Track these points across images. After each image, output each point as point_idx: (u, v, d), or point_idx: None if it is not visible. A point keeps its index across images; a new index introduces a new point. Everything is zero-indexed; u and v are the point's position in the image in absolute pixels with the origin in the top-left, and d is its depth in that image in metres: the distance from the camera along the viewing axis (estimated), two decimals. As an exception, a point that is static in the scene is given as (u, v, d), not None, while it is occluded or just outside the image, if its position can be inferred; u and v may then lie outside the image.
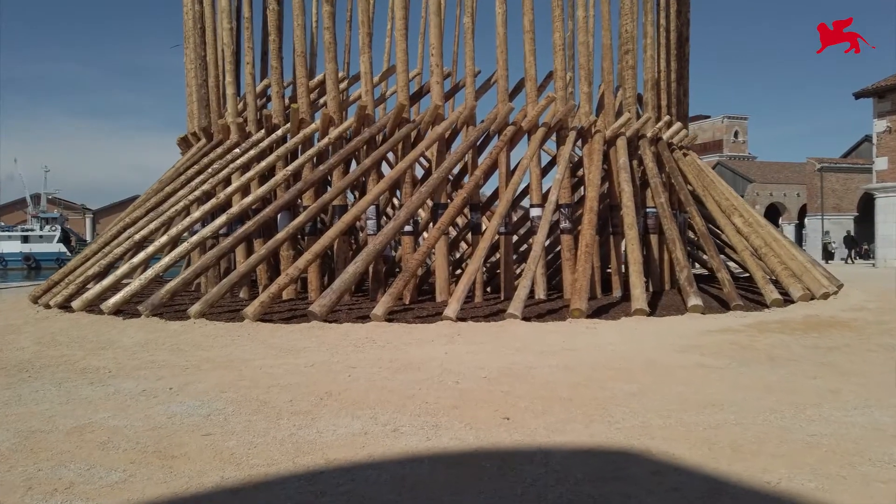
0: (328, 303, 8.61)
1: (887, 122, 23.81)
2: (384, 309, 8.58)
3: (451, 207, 10.08)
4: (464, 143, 11.08)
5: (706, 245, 10.71)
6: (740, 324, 8.84)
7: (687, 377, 5.84)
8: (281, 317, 9.51)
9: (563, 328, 8.46)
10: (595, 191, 10.84)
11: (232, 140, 12.36)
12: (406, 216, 9.82)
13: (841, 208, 49.15)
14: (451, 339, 7.71)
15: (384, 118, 11.49)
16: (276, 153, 11.43)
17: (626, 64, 12.60)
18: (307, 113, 11.74)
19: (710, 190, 12.59)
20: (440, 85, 11.33)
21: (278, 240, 9.85)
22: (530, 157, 10.98)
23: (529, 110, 11.62)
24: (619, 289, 12.33)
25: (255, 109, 12.31)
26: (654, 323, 8.87)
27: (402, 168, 10.56)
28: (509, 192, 10.44)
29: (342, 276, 8.92)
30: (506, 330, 8.31)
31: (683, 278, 9.64)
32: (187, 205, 11.28)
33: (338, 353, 7.07)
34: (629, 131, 12.49)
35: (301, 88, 11.68)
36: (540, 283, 11.50)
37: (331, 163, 10.78)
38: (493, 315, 9.49)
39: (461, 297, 8.75)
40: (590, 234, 10.02)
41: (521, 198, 13.28)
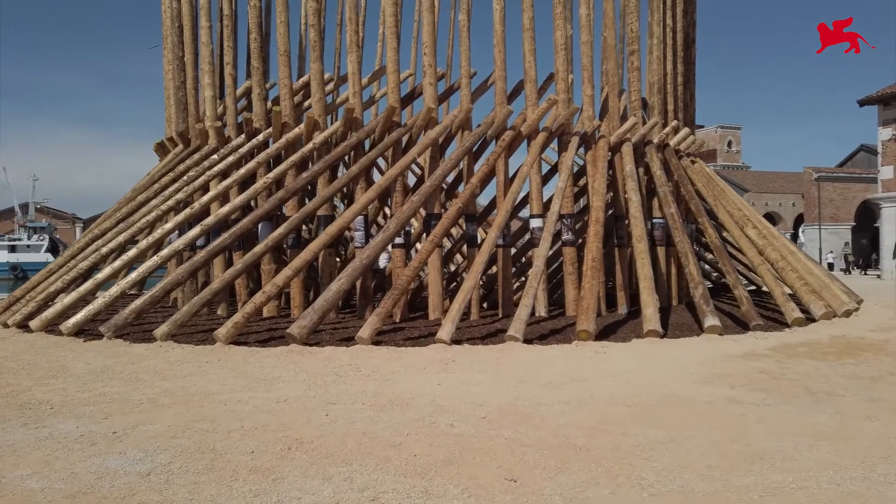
0: (308, 324, 7.76)
1: (893, 129, 23.17)
2: (371, 331, 7.73)
3: (446, 218, 9.26)
4: (459, 148, 10.27)
5: (721, 259, 9.91)
6: (764, 347, 8.02)
7: (720, 418, 5.00)
8: (258, 338, 8.65)
9: (570, 352, 7.62)
10: (601, 200, 10.05)
11: (210, 145, 11.52)
12: (396, 227, 8.99)
13: (838, 218, 48.63)
14: (445, 367, 6.86)
15: (373, 122, 10.68)
16: (257, 159, 10.59)
17: (631, 65, 11.85)
18: (291, 116, 10.91)
19: (721, 200, 11.82)
20: (433, 86, 10.54)
21: (256, 253, 9.00)
22: (530, 164, 10.18)
23: (529, 114, 10.83)
24: (624, 304, 11.52)
25: (234, 113, 11.49)
26: (668, 346, 8.05)
27: (392, 175, 9.74)
28: (508, 202, 9.63)
29: (324, 295, 8.08)
30: (506, 355, 7.47)
31: (699, 295, 8.83)
32: (160, 215, 10.41)
33: (316, 385, 6.21)
34: (635, 137, 11.72)
35: (284, 90, 10.87)
36: (541, 299, 10.68)
37: (315, 170, 9.95)
38: (491, 336, 8.65)
39: (456, 318, 7.91)
40: (596, 248, 9.21)
41: (519, 208, 12.47)
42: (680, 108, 12.94)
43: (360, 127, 10.59)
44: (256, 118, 11.17)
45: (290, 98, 10.88)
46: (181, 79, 12.26)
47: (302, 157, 10.47)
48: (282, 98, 10.91)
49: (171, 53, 12.49)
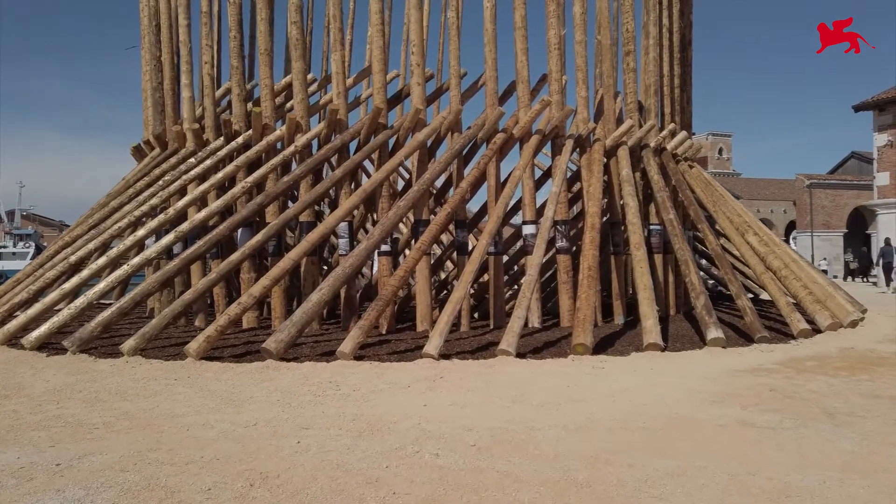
0: (286, 338, 7.23)
1: (888, 135, 22.92)
2: (353, 345, 7.22)
3: (434, 224, 8.77)
4: (448, 151, 9.80)
5: (723, 267, 9.46)
6: (771, 361, 7.56)
7: (735, 445, 4.52)
8: (234, 352, 8.11)
9: (566, 368, 7.13)
10: (597, 205, 9.58)
11: (188, 149, 10.99)
12: (381, 234, 8.49)
13: (830, 225, 48.59)
14: (432, 385, 6.35)
15: (358, 123, 10.19)
16: (236, 163, 10.08)
17: (626, 66, 11.42)
18: (272, 118, 10.40)
19: (721, 206, 11.39)
20: (422, 87, 10.06)
21: (232, 261, 8.47)
22: (523, 168, 9.71)
23: (521, 116, 10.38)
24: (620, 315, 11.06)
25: (213, 114, 10.96)
26: (670, 360, 7.57)
27: (377, 180, 9.24)
28: (500, 207, 9.15)
29: (304, 306, 7.55)
30: (498, 371, 6.97)
31: (700, 306, 8.37)
32: (132, 221, 9.86)
33: (290, 406, 5.68)
34: (631, 140, 11.29)
35: (265, 90, 10.36)
36: (535, 309, 10.20)
37: (296, 173, 9.44)
38: (481, 349, 8.15)
39: (444, 331, 7.41)
40: (592, 255, 8.74)
41: (511, 214, 12.00)
42: (677, 111, 12.53)
43: (345, 129, 10.10)
44: (236, 120, 10.66)
45: (271, 99, 10.38)
46: (158, 79, 11.74)
47: (283, 161, 9.97)
48: (262, 98, 10.40)
49: (149, 53, 11.97)
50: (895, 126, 22.68)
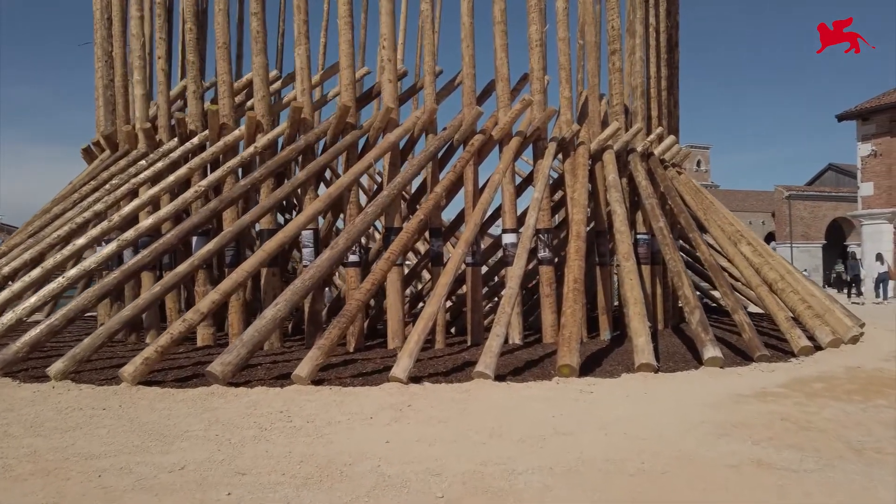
0: (234, 360, 6.38)
1: (872, 145, 22.65)
2: (310, 368, 6.38)
3: (405, 232, 7.99)
4: (422, 153, 9.04)
5: (717, 279, 8.79)
6: (775, 383, 6.86)
7: (754, 492, 3.77)
8: (179, 375, 7.22)
9: (550, 392, 6.35)
10: (582, 213, 8.87)
11: (139, 150, 10.11)
12: (346, 243, 7.69)
13: (809, 236, 48.72)
14: (398, 415, 5.53)
15: (325, 123, 9.40)
16: (189, 165, 9.22)
17: (612, 66, 10.78)
18: (230, 117, 9.57)
19: (711, 214, 10.75)
20: (393, 84, 9.30)
21: (179, 273, 7.60)
22: (503, 172, 8.98)
23: (501, 116, 9.67)
24: (607, 330, 10.35)
25: (167, 113, 10.10)
26: (665, 383, 6.83)
27: (343, 183, 8.44)
28: (477, 214, 8.39)
29: (257, 324, 6.71)
30: (474, 396, 6.17)
31: (696, 321, 7.67)
32: (74, 229, 8.94)
33: (229, 444, 4.83)
34: (617, 144, 10.63)
35: (223, 87, 9.53)
36: (515, 324, 9.44)
37: (255, 176, 8.61)
38: (457, 370, 7.35)
39: (414, 351, 6.61)
40: (578, 267, 8.01)
41: (490, 222, 11.26)
42: (664, 114, 11.92)
43: (310, 129, 9.29)
44: (191, 119, 9.81)
45: (229, 96, 9.55)
46: (110, 76, 10.85)
47: (241, 163, 9.13)
48: (220, 96, 9.57)
49: (101, 49, 11.09)
50: (879, 136, 22.42)
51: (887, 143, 22.27)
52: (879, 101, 22.36)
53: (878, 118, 22.42)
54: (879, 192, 22.44)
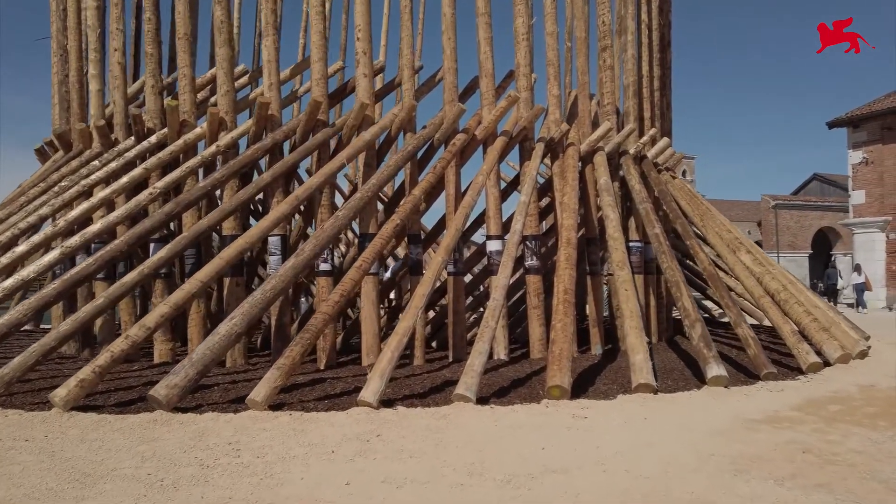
0: (181, 382, 5.61)
1: (863, 152, 22.28)
2: (267, 391, 5.63)
3: (379, 238, 7.27)
4: (399, 153, 8.34)
5: (718, 290, 8.14)
6: (787, 405, 6.20)
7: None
8: (124, 398, 6.43)
9: (539, 418, 5.64)
10: (572, 218, 8.21)
11: (93, 150, 9.33)
12: (314, 250, 6.95)
13: (795, 246, 48.60)
14: (364, 448, 4.79)
15: (294, 121, 8.67)
16: (145, 165, 8.45)
17: (602, 63, 10.17)
18: (192, 113, 8.82)
19: (708, 220, 10.14)
20: (368, 79, 8.61)
21: (126, 284, 6.82)
22: (487, 173, 8.30)
23: (485, 114, 9.00)
24: (598, 343, 9.66)
25: (124, 110, 9.33)
26: (666, 405, 6.15)
27: (313, 185, 7.72)
28: (459, 219, 7.69)
29: (209, 341, 5.95)
30: (453, 423, 5.45)
31: (697, 336, 7.00)
32: (16, 234, 8.13)
33: (161, 487, 4.07)
34: (609, 146, 10.00)
35: (184, 80, 8.79)
36: (501, 339, 8.74)
37: (215, 177, 7.86)
38: (435, 391, 6.62)
39: (387, 371, 5.88)
40: (569, 276, 7.33)
41: (474, 229, 10.57)
42: (656, 116, 11.32)
43: (278, 126, 8.57)
44: (149, 116, 9.05)
45: (191, 91, 8.80)
46: (65, 71, 10.07)
47: (202, 163, 8.38)
48: (181, 90, 8.82)
49: (56, 42, 10.32)
50: (870, 143, 22.06)
51: (879, 150, 21.91)
52: (870, 109, 22.01)
53: (869, 125, 22.07)
54: (871, 201, 22.05)
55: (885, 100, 22.22)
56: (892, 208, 21.51)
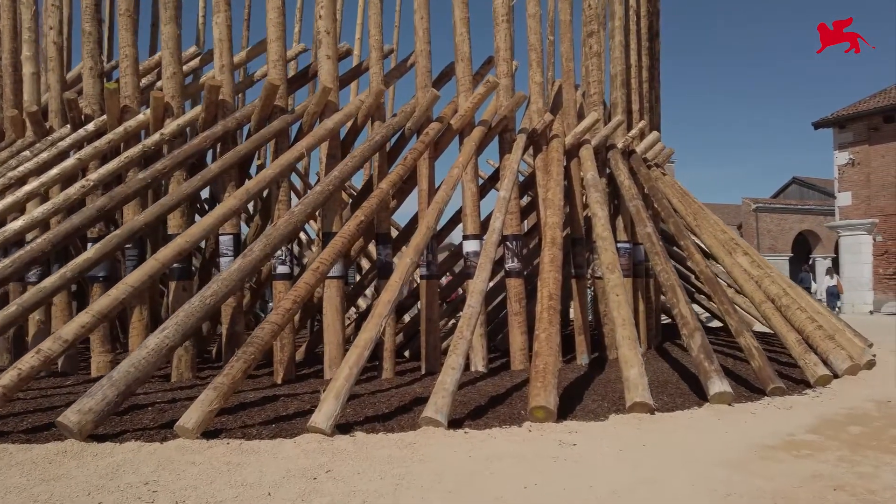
0: (97, 406, 4.72)
1: (849, 153, 21.86)
2: (200, 417, 4.76)
3: (340, 237, 6.42)
4: (366, 142, 7.50)
5: (717, 295, 7.41)
6: (800, 426, 5.46)
7: None
8: (40, 420, 5.50)
9: (522, 446, 4.83)
10: (557, 215, 7.43)
11: (26, 139, 8.37)
12: (264, 250, 6.09)
13: (776, 249, 48.50)
14: (309, 489, 3.94)
15: (248, 107, 7.80)
16: (79, 155, 7.53)
17: (589, 50, 9.43)
18: (134, 98, 7.91)
19: (702, 219, 9.43)
20: (332, 61, 7.76)
21: (44, 289, 5.90)
22: (463, 166, 7.49)
23: (461, 102, 8.21)
24: (584, 353, 8.90)
25: (60, 95, 8.39)
26: (665, 427, 5.37)
27: (266, 178, 6.85)
28: (431, 215, 6.87)
29: (132, 357, 5.07)
30: (420, 454, 4.61)
31: (697, 347, 6.25)
32: (-71, 232, 7.14)
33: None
34: (596, 139, 9.26)
35: (126, 61, 7.87)
36: (478, 348, 7.93)
37: (157, 168, 6.96)
38: (403, 410, 5.79)
39: (344, 391, 5.03)
40: (554, 280, 6.55)
41: (449, 228, 9.75)
42: (646, 108, 10.61)
43: (231, 112, 7.69)
44: (87, 101, 8.12)
45: (134, 73, 7.88)
46: (-2, 53, 9.09)
47: (143, 153, 7.47)
48: (122, 72, 7.91)
49: (-10, 21, 9.32)
50: (857, 144, 21.65)
51: (865, 151, 21.52)
52: (857, 109, 21.62)
53: (856, 126, 21.66)
54: (858, 202, 21.63)
55: (871, 100, 21.85)
56: (878, 210, 21.12)
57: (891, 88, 21.90)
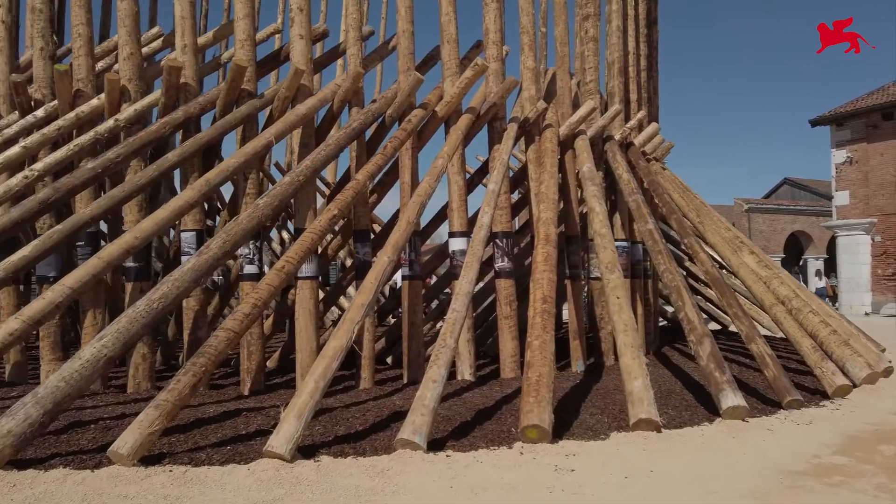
0: (18, 428, 4.04)
1: (847, 152, 21.39)
2: (137, 440, 4.08)
3: (309, 233, 5.76)
4: (342, 130, 6.84)
5: (725, 298, 6.79)
6: (826, 445, 4.85)
7: None
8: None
9: (512, 475, 4.18)
10: (552, 210, 6.80)
11: (-29, 126, 7.64)
12: (223, 248, 5.42)
13: (768, 249, 48.14)
14: (257, 533, 3.29)
15: (213, 91, 7.12)
16: (24, 143, 6.82)
17: (585, 34, 8.81)
18: (89, 82, 7.21)
19: (705, 216, 8.83)
20: (305, 41, 7.09)
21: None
22: (448, 156, 6.84)
23: (447, 87, 7.56)
24: (579, 359, 8.27)
25: (7, 79, 7.67)
26: (675, 449, 4.73)
27: (229, 167, 6.18)
28: (412, 209, 6.22)
29: (64, 370, 4.38)
30: (392, 486, 3.95)
31: (706, 355, 5.63)
32: None
33: None
34: (592, 129, 8.64)
35: (79, 41, 7.17)
36: (465, 355, 7.29)
37: (109, 157, 6.27)
38: (379, 427, 5.13)
39: (307, 409, 4.37)
40: (548, 281, 5.91)
41: (436, 225, 9.10)
42: (644, 99, 10.00)
43: (194, 97, 7.00)
44: (38, 85, 7.41)
45: (87, 54, 7.18)
46: (-54, 34, 8.35)
47: (96, 140, 6.78)
48: (75, 53, 7.20)
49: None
50: (854, 142, 21.17)
51: (863, 149, 21.04)
52: (855, 106, 21.14)
53: (854, 123, 21.18)
54: (856, 202, 21.15)
55: (869, 97, 21.39)
56: (877, 210, 20.65)
57: (889, 85, 21.45)
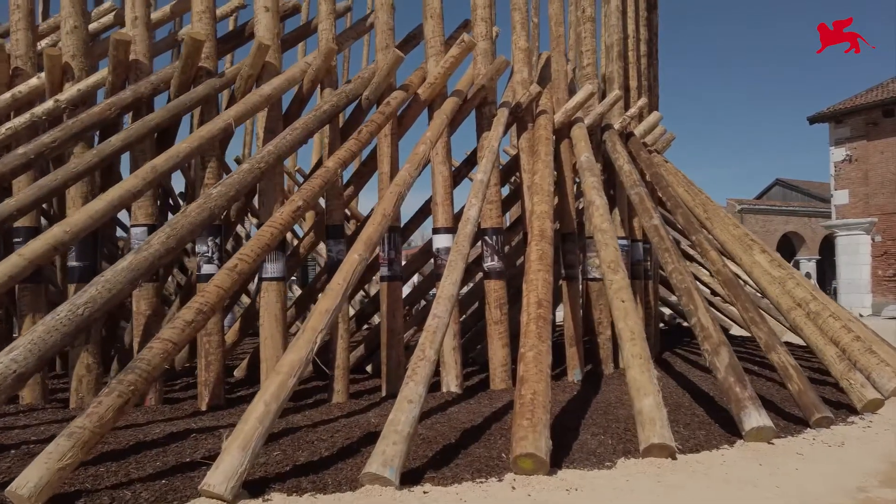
0: None
1: (846, 149, 20.83)
2: (43, 476, 3.32)
3: (269, 226, 5.01)
4: (311, 112, 6.09)
5: (740, 301, 6.09)
6: (869, 474, 4.14)
7: None
8: None
9: (501, 516, 3.44)
10: (547, 203, 6.07)
11: None
12: (165, 244, 4.65)
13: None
14: None
15: (166, 69, 6.35)
16: (-49, 125, 6.03)
17: (582, 14, 8.11)
18: (28, 59, 6.43)
19: (712, 212, 8.14)
20: (272, 14, 6.34)
21: None
22: (432, 142, 6.10)
23: (431, 67, 6.83)
24: (577, 367, 7.55)
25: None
26: (696, 483, 4.01)
27: (180, 153, 5.41)
28: (389, 200, 5.48)
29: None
30: (354, 534, 3.21)
31: (723, 367, 4.92)
32: None
33: None
34: (589, 117, 7.93)
35: (17, 14, 6.38)
36: (451, 365, 6.55)
37: (43, 142, 5.49)
38: (347, 453, 4.38)
39: (253, 438, 3.62)
40: (543, 282, 5.19)
41: (419, 220, 8.37)
42: (644, 87, 9.31)
43: (145, 75, 6.23)
44: (-29, 62, 6.61)
45: (28, 28, 6.41)
46: None
47: (33, 123, 6.00)
48: (13, 27, 6.42)
49: None
50: (854, 139, 20.62)
51: (863, 147, 20.50)
52: (854, 103, 20.60)
53: (853, 120, 20.63)
54: (856, 201, 20.60)
55: (869, 93, 20.86)
56: (877, 209, 20.11)
57: (890, 81, 20.93)
